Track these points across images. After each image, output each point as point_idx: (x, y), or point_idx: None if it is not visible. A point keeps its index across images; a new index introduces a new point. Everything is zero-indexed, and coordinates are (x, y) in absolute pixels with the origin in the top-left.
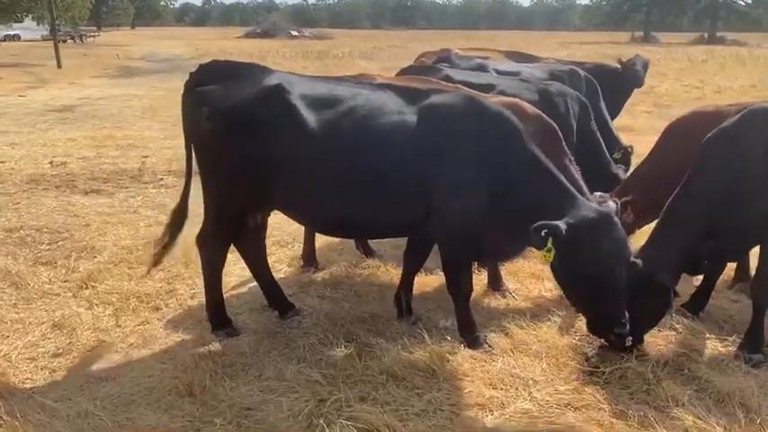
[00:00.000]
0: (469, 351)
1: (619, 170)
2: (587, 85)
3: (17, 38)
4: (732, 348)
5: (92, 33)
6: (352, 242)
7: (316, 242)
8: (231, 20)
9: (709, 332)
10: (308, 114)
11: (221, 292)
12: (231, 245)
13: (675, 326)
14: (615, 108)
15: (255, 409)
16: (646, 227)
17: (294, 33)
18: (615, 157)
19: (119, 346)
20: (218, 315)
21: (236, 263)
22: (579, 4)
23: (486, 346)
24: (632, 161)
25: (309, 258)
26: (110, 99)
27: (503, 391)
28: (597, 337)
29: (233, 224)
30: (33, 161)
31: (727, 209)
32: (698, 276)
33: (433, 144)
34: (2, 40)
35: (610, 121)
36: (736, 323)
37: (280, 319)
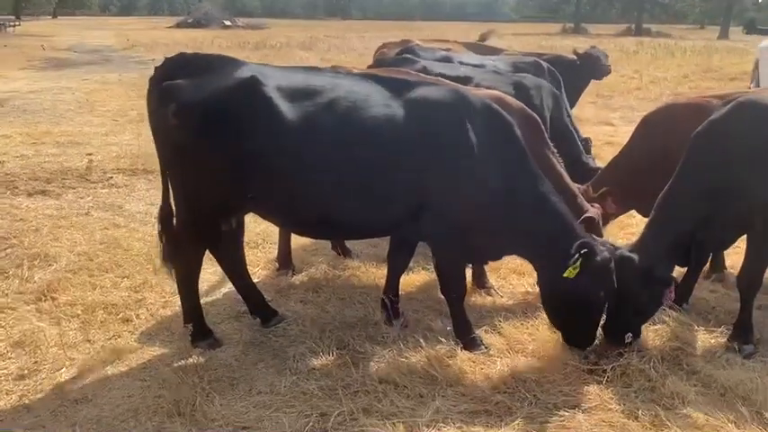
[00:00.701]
0: (467, 353)
1: (590, 161)
2: (551, 77)
3: None
4: (722, 340)
5: (11, 23)
6: (325, 242)
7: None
8: (159, 10)
9: (696, 324)
10: (287, 107)
11: (198, 300)
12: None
13: (665, 319)
14: (572, 99)
15: (252, 428)
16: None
17: (227, 23)
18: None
19: (90, 364)
20: (197, 325)
21: (205, 268)
22: None
23: (483, 347)
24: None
25: (285, 261)
26: (40, 93)
27: (507, 394)
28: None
29: (207, 227)
30: None
31: (718, 201)
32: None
33: (429, 139)
34: None
35: (570, 113)
36: (719, 314)
37: (262, 327)
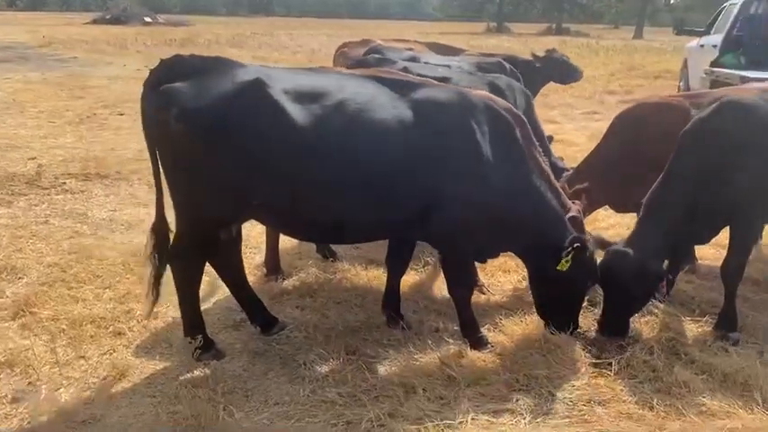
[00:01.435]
0: (476, 353)
1: (557, 161)
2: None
3: None
4: (707, 329)
5: None
6: (310, 246)
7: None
8: (71, 5)
9: (682, 315)
10: (295, 110)
11: (200, 311)
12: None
13: (654, 311)
14: None
15: None
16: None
17: (148, 20)
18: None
19: (90, 381)
20: (201, 339)
21: None
22: None
23: (490, 345)
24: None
25: (274, 266)
26: None
27: (523, 392)
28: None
29: (209, 237)
30: None
31: (705, 196)
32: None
33: (441, 140)
34: None
35: None
36: (700, 303)
37: (263, 335)
